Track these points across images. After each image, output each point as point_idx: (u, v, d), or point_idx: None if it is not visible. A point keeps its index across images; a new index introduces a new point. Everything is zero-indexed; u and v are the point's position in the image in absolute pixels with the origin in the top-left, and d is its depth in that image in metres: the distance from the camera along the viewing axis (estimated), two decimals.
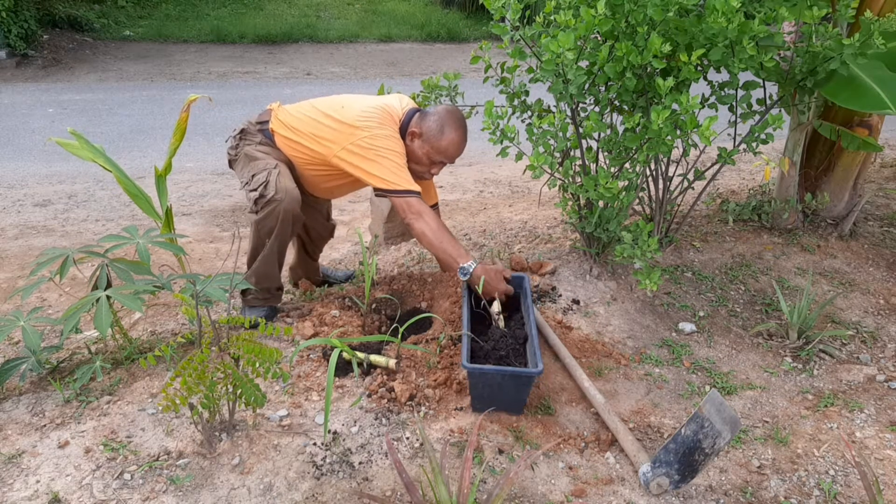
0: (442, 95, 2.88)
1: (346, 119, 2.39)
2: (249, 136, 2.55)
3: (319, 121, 2.44)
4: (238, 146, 2.55)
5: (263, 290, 2.57)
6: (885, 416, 2.22)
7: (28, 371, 2.11)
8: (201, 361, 1.70)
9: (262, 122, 2.56)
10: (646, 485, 1.82)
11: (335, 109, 2.44)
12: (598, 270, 2.89)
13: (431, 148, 2.42)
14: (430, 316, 2.52)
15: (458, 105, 2.86)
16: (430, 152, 2.43)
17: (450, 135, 2.41)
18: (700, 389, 2.34)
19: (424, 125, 2.42)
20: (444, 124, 2.40)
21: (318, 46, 10.08)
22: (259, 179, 2.39)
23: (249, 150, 2.51)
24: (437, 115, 2.42)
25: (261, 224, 2.42)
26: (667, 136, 2.33)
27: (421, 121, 2.43)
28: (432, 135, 2.40)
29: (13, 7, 7.90)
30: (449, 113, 2.44)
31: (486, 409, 2.05)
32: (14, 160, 5.28)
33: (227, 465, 1.82)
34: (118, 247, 2.22)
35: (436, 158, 2.45)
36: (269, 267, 2.52)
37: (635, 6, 2.28)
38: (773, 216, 3.56)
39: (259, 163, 2.46)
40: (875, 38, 2.38)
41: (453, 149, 2.44)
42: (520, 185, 5.12)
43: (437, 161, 2.47)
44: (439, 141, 2.40)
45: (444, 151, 2.43)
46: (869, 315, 2.87)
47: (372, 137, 2.35)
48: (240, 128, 2.59)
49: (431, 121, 2.41)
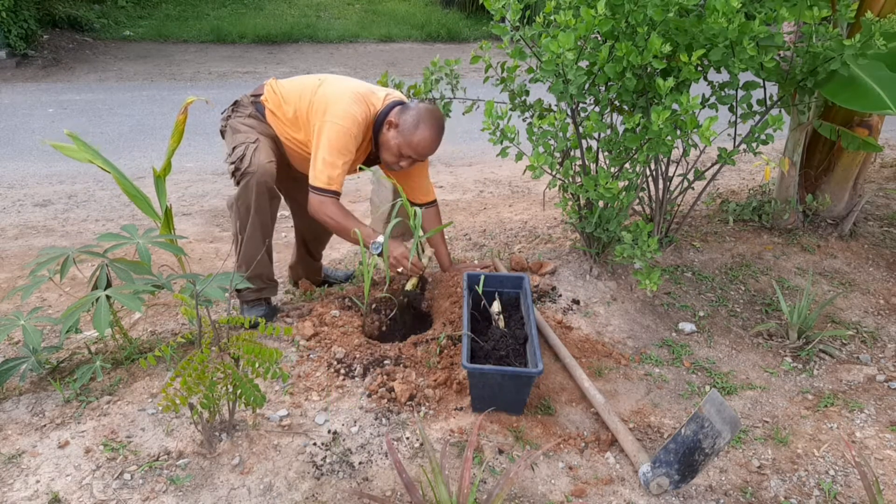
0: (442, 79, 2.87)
1: (319, 100, 2.41)
2: (241, 107, 2.58)
3: (302, 96, 2.46)
4: (230, 117, 2.58)
5: (255, 279, 2.54)
6: (885, 416, 2.22)
7: (28, 371, 2.11)
8: (201, 361, 1.70)
9: (256, 94, 2.59)
10: (646, 485, 1.82)
11: (315, 87, 2.46)
12: (598, 270, 2.89)
13: (403, 140, 2.41)
14: (430, 316, 2.52)
15: (458, 99, 2.86)
16: (401, 145, 2.42)
17: (423, 132, 2.38)
18: (700, 389, 2.34)
19: (402, 118, 2.41)
20: (419, 120, 2.38)
21: (318, 46, 10.08)
22: (238, 153, 2.41)
23: (236, 122, 2.53)
24: (415, 111, 2.41)
25: (239, 201, 2.42)
26: (667, 136, 2.33)
27: (400, 113, 2.43)
28: (406, 128, 2.39)
29: (13, 7, 7.90)
30: (428, 111, 2.42)
31: (487, 409, 2.05)
32: (14, 160, 5.27)
33: (227, 465, 1.82)
34: (118, 246, 2.22)
35: (406, 152, 2.43)
36: (255, 249, 2.48)
37: (635, 6, 2.28)
38: (773, 216, 3.56)
39: (240, 135, 2.47)
40: (876, 39, 2.38)
41: (424, 146, 2.41)
42: (520, 185, 5.12)
43: (407, 155, 2.44)
44: (412, 136, 2.38)
45: (414, 147, 2.41)
46: (869, 315, 2.87)
47: (326, 124, 2.36)
48: (233, 100, 2.62)
49: (409, 115, 2.40)
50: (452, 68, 2.80)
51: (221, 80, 8.14)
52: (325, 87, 2.44)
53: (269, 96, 2.53)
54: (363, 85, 2.51)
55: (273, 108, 2.51)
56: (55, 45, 8.74)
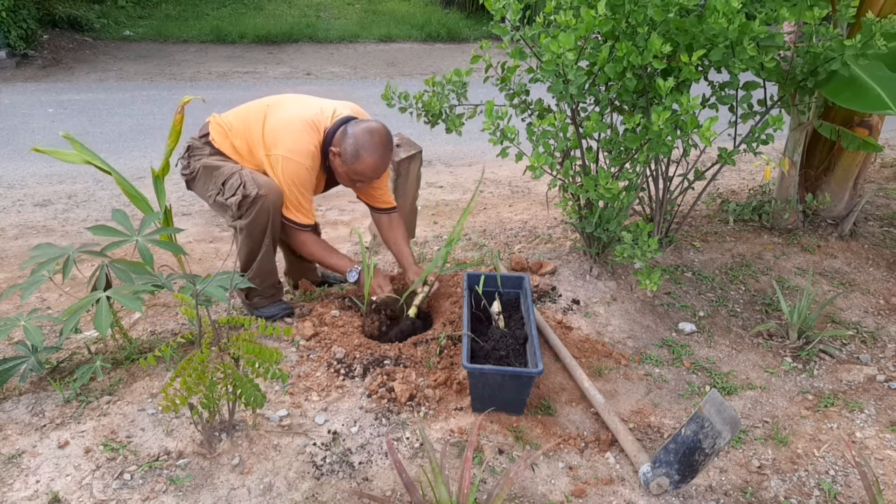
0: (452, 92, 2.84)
1: (269, 133, 2.39)
2: (198, 150, 2.50)
3: (250, 128, 2.43)
4: (189, 164, 2.50)
5: (268, 288, 2.56)
6: (885, 416, 2.22)
7: (28, 371, 2.10)
8: (201, 361, 1.70)
9: (203, 135, 2.52)
10: (646, 485, 1.82)
11: (262, 114, 2.43)
12: (598, 270, 2.89)
13: (349, 169, 2.39)
14: (431, 315, 2.52)
15: (461, 105, 2.85)
16: (348, 172, 2.41)
17: (365, 159, 2.34)
18: (700, 389, 2.34)
19: (342, 146, 2.37)
20: (359, 148, 2.33)
21: (318, 46, 10.08)
22: (233, 183, 2.34)
23: (205, 161, 2.46)
24: (353, 138, 2.34)
25: (252, 225, 2.36)
26: (667, 136, 2.33)
27: (341, 139, 2.38)
28: (347, 158, 2.36)
29: (13, 7, 7.90)
30: (367, 134, 2.34)
31: (487, 408, 2.05)
32: (14, 160, 5.27)
33: (226, 465, 1.82)
34: (118, 245, 2.22)
35: (355, 178, 2.44)
36: (269, 264, 2.50)
37: (636, 6, 2.28)
38: (773, 216, 3.56)
39: (223, 169, 2.41)
40: (876, 39, 2.38)
41: (370, 171, 2.39)
42: (520, 185, 5.12)
43: (357, 180, 2.45)
44: (354, 165, 2.36)
45: (361, 174, 2.40)
46: (869, 315, 2.87)
47: (280, 160, 2.35)
48: (185, 146, 2.55)
49: (348, 143, 2.35)
50: (463, 80, 2.79)
51: (221, 80, 8.14)
52: (272, 117, 2.40)
53: (216, 135, 2.47)
54: (311, 106, 2.46)
55: (223, 145, 2.46)
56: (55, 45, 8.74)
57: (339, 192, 4.82)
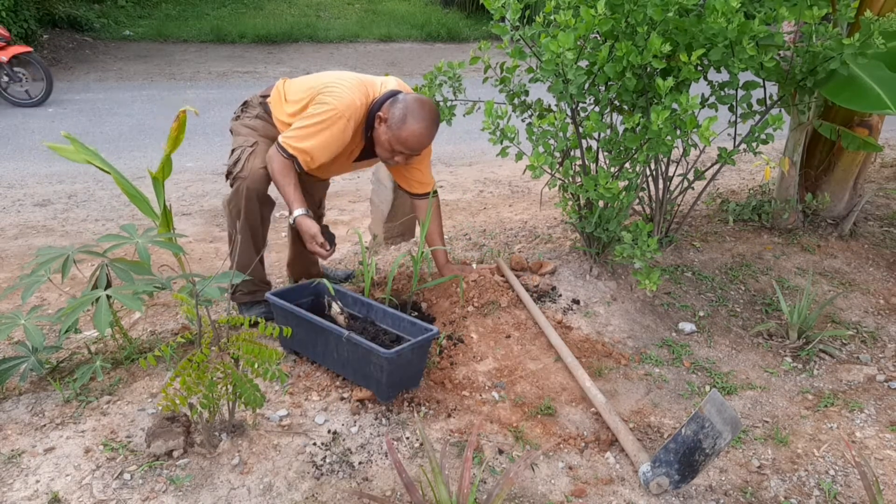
0: (445, 83, 2.84)
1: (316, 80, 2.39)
2: (250, 108, 2.55)
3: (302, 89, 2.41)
4: (238, 118, 2.56)
5: (246, 283, 2.51)
6: (885, 416, 2.22)
7: (28, 371, 2.10)
8: (201, 361, 1.70)
9: (265, 94, 2.55)
10: (646, 485, 1.82)
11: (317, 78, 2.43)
12: (598, 270, 2.89)
13: (393, 136, 2.29)
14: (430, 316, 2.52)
15: (460, 101, 2.85)
16: (391, 140, 2.31)
17: (412, 126, 2.26)
18: (700, 389, 2.34)
19: (390, 111, 2.29)
20: (407, 114, 2.26)
21: (318, 46, 10.08)
22: (234, 156, 2.40)
23: (239, 124, 2.52)
24: (403, 104, 2.28)
25: (230, 204, 2.40)
26: (667, 136, 2.33)
27: (390, 106, 2.32)
28: (394, 123, 2.27)
29: (13, 7, 7.90)
30: (417, 102, 2.29)
31: (397, 394, 2.08)
32: (14, 160, 5.28)
33: (226, 465, 1.82)
34: (117, 246, 2.22)
35: (397, 148, 2.32)
36: (247, 257, 2.45)
37: (635, 6, 2.28)
38: (773, 216, 3.56)
39: (239, 138, 2.46)
40: (875, 38, 2.38)
41: (414, 140, 2.29)
42: (520, 185, 5.12)
43: (399, 151, 2.34)
44: (400, 130, 2.26)
45: (404, 142, 2.29)
46: (869, 315, 2.87)
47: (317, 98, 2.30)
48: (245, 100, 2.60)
49: (397, 108, 2.28)
50: (456, 72, 2.78)
51: (221, 79, 8.14)
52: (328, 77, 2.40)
53: (274, 96, 2.50)
54: (366, 75, 2.49)
55: (275, 108, 2.48)
56: (55, 44, 8.75)
57: (340, 192, 4.83)
